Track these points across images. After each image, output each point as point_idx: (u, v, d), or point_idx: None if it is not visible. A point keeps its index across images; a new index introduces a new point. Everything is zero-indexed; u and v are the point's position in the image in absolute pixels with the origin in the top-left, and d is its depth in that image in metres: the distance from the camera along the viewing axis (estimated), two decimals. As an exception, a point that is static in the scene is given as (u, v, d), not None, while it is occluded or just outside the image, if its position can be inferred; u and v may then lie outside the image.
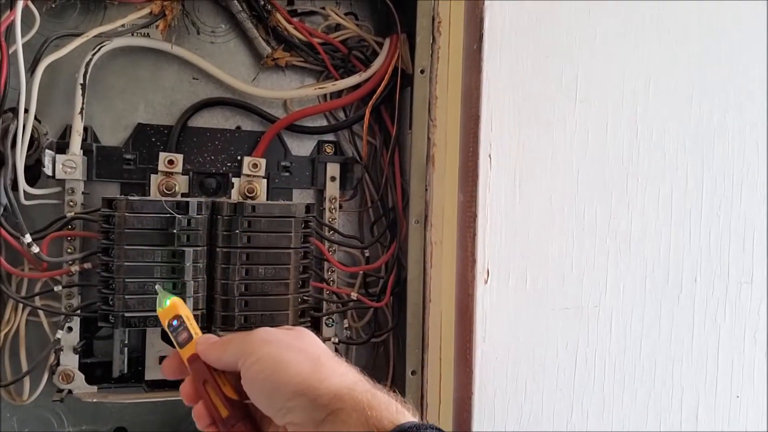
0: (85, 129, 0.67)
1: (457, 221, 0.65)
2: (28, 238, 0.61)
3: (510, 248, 0.64)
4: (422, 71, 0.69)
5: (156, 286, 0.51)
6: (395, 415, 0.37)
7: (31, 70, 0.61)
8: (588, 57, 0.65)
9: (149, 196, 0.69)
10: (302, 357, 0.41)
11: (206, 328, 0.66)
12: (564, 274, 0.65)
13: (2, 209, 0.60)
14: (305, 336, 0.45)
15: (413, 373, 0.71)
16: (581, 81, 0.65)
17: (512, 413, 0.62)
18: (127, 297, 0.62)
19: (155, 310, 0.62)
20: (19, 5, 0.57)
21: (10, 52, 0.61)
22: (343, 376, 0.40)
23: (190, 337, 0.45)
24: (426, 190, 0.69)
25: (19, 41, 0.58)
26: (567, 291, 0.65)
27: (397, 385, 0.77)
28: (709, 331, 0.69)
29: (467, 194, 0.64)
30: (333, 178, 0.76)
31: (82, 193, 0.67)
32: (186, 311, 0.47)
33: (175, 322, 0.45)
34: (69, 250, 0.66)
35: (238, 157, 0.73)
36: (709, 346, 0.69)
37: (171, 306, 0.46)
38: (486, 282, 0.63)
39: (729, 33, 0.70)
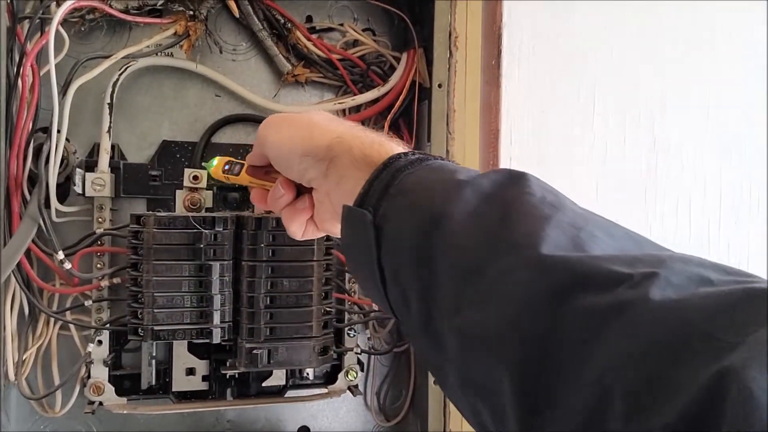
0: (113, 147, 0.69)
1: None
2: (60, 255, 0.63)
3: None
4: (440, 85, 0.71)
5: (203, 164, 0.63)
6: (379, 147, 0.43)
7: (63, 92, 0.63)
8: (604, 71, 0.66)
9: (175, 211, 0.70)
10: (299, 128, 0.48)
11: (232, 340, 0.67)
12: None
13: (36, 227, 0.62)
14: (307, 112, 0.51)
15: (435, 382, 0.72)
16: (598, 95, 0.66)
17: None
18: (156, 311, 0.63)
19: (184, 323, 0.64)
20: (53, 28, 0.59)
21: (41, 74, 0.64)
22: (333, 132, 0.46)
23: (242, 165, 0.55)
24: (445, 202, 0.70)
25: (53, 63, 0.60)
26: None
27: (420, 392, 0.78)
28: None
29: (488, 207, 0.65)
30: (353, 191, 0.77)
31: (111, 209, 0.69)
32: (229, 157, 0.57)
33: (227, 167, 0.55)
34: (99, 266, 0.68)
35: (261, 172, 0.74)
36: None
37: (218, 161, 0.56)
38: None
39: (743, 44, 0.71)
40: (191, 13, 0.70)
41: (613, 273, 0.27)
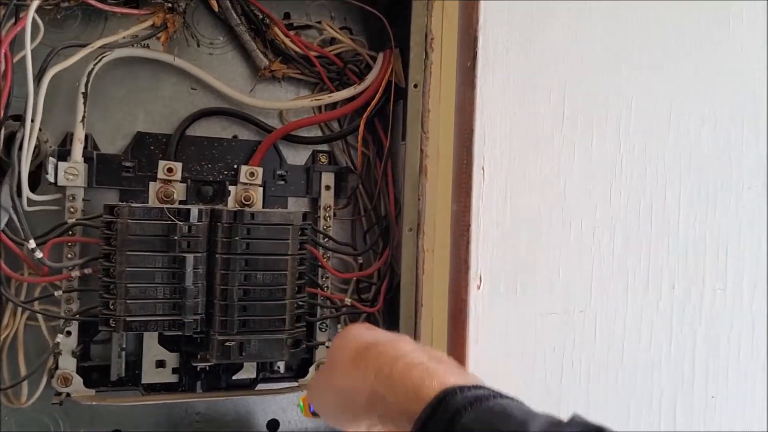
0: (86, 137, 0.69)
1: (450, 230, 0.68)
2: (32, 244, 0.62)
3: (501, 256, 0.67)
4: (416, 85, 0.72)
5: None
6: (424, 382, 0.40)
7: (37, 79, 0.63)
8: (574, 76, 0.69)
9: (148, 203, 0.70)
10: (331, 395, 0.48)
11: (204, 332, 0.67)
12: (552, 281, 0.69)
13: (8, 216, 0.61)
14: (328, 367, 0.50)
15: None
16: (568, 99, 0.68)
17: (503, 413, 0.65)
18: (128, 302, 0.63)
19: (156, 315, 0.64)
20: (30, 15, 0.59)
21: (15, 61, 0.63)
22: (364, 387, 0.44)
23: None
24: (419, 199, 0.71)
25: (29, 50, 0.59)
26: (554, 297, 0.69)
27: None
28: (686, 335, 0.73)
29: (461, 204, 0.67)
30: (328, 187, 0.78)
31: (83, 199, 0.68)
32: None
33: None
34: (69, 256, 0.68)
35: (235, 166, 0.75)
36: (686, 349, 0.73)
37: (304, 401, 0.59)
38: (479, 288, 0.66)
39: (704, 56, 0.75)
40: (169, 5, 0.70)
41: None
